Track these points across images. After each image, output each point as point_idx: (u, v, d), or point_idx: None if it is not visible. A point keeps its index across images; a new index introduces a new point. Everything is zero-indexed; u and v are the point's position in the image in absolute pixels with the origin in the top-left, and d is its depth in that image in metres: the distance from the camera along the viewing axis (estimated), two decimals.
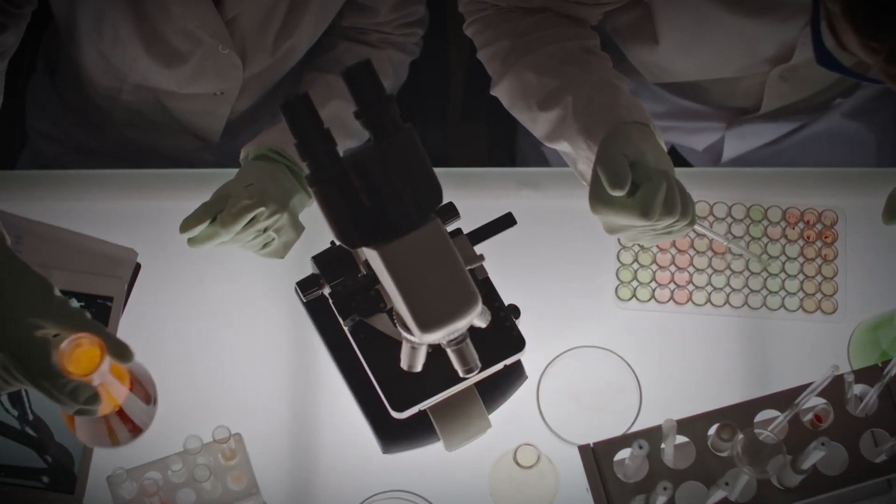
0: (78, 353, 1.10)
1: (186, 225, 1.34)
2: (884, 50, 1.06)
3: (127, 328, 1.47)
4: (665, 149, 1.30)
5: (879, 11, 1.05)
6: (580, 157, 1.36)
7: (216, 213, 1.35)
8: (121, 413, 1.19)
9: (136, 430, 1.23)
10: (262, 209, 1.34)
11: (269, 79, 1.64)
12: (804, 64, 1.49)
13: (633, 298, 1.50)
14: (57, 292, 1.14)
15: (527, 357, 1.34)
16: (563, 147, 1.40)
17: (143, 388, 1.22)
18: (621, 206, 1.23)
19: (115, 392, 1.16)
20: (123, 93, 1.64)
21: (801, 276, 1.50)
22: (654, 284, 1.50)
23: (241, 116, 1.69)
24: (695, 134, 1.70)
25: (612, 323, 1.49)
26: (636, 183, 1.23)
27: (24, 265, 1.14)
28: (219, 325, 1.49)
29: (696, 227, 1.30)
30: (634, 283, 1.50)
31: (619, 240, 1.52)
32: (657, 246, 1.51)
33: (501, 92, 1.47)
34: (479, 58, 1.50)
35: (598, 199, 1.25)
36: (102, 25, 1.51)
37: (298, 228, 1.42)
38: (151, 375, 1.25)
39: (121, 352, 1.14)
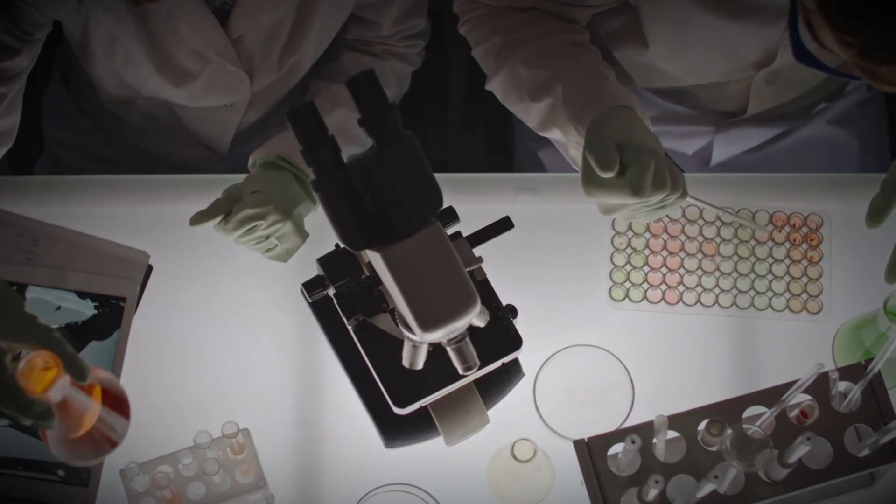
0: (33, 372, 1.10)
1: (197, 220, 1.37)
2: (857, 43, 1.06)
3: (139, 327, 1.49)
4: (652, 129, 1.31)
5: (851, 4, 1.05)
6: (571, 142, 1.38)
7: (225, 212, 1.37)
8: (92, 432, 1.19)
9: (111, 444, 1.23)
10: (265, 219, 1.36)
11: (276, 92, 1.64)
12: (787, 68, 1.50)
13: (626, 299, 1.51)
14: (27, 309, 1.12)
15: (524, 355, 1.36)
16: (554, 135, 1.41)
17: (117, 406, 1.22)
18: (613, 187, 1.25)
19: (82, 412, 1.17)
20: (137, 104, 1.65)
21: (787, 278, 1.51)
22: (646, 285, 1.51)
23: (249, 128, 1.70)
24: (684, 138, 1.71)
25: (605, 322, 1.49)
26: (625, 163, 1.24)
27: None
28: (227, 324, 1.49)
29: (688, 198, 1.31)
30: (627, 285, 1.51)
31: (612, 241, 1.53)
32: (649, 248, 1.52)
33: (496, 86, 1.48)
34: (473, 55, 1.51)
35: (590, 181, 1.26)
36: (115, 47, 1.53)
37: (302, 235, 1.43)
38: (126, 392, 1.24)
39: (77, 371, 1.13)
